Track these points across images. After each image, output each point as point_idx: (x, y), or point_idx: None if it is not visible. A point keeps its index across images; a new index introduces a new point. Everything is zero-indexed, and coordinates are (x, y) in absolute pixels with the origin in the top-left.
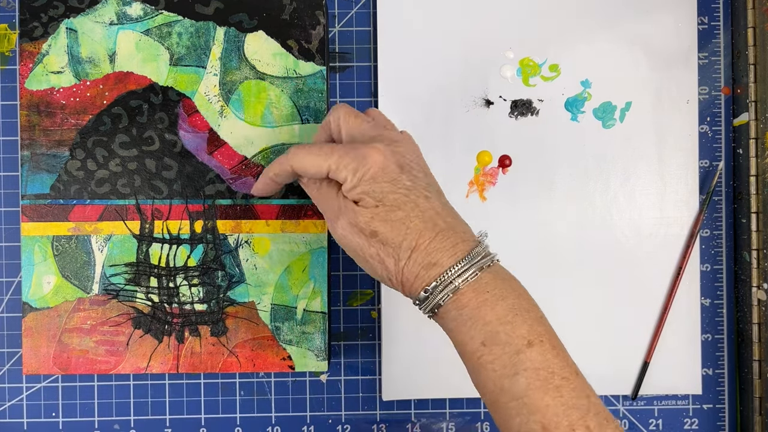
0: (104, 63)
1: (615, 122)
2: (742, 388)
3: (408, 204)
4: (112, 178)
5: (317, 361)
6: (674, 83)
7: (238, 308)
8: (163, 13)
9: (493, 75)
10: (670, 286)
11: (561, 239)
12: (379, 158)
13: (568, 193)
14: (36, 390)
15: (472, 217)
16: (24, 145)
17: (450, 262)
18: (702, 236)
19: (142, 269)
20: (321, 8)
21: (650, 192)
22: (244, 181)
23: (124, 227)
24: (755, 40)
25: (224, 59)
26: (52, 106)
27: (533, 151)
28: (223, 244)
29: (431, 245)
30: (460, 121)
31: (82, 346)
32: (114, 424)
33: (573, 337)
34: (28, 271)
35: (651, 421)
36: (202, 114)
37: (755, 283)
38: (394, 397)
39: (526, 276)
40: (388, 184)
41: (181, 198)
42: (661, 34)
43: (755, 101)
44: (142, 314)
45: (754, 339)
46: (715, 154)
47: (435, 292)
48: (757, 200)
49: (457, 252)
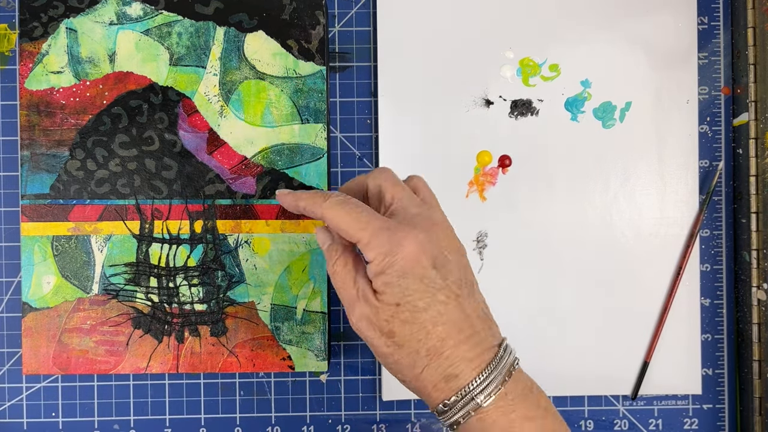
0: (104, 63)
1: (615, 122)
2: (742, 388)
3: (435, 306)
4: (111, 178)
5: (317, 361)
6: (674, 83)
7: (237, 308)
8: (162, 13)
9: (493, 75)
10: (670, 286)
11: (561, 239)
12: (413, 249)
13: (568, 193)
14: (36, 390)
15: (472, 217)
16: (24, 145)
17: (473, 374)
18: (702, 236)
19: (142, 269)
20: (321, 8)
21: (650, 192)
22: (244, 181)
23: (124, 227)
24: (755, 40)
25: (224, 59)
26: (52, 106)
27: (533, 151)
28: (222, 244)
29: (454, 353)
30: (460, 121)
31: (81, 346)
32: (114, 424)
33: (573, 337)
34: (27, 271)
35: (651, 421)
36: (202, 114)
37: (755, 283)
38: (394, 397)
39: (526, 276)
40: (417, 281)
41: (180, 198)
42: (661, 34)
43: (755, 101)
44: (141, 314)
45: (754, 339)
46: (715, 154)
47: (455, 407)
48: (757, 200)
49: (481, 362)
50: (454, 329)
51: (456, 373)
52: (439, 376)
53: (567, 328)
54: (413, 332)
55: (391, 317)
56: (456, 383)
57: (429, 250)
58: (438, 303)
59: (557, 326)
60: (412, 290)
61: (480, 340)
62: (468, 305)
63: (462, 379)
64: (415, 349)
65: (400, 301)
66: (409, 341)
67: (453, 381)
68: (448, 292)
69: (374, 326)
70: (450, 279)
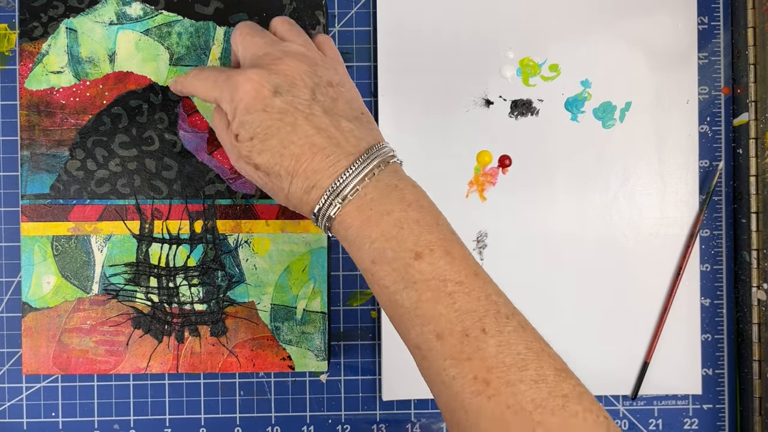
0: (104, 63)
1: (615, 122)
2: (742, 388)
3: (283, 129)
4: (111, 178)
5: (317, 361)
6: (674, 83)
7: (237, 308)
8: (162, 13)
9: (493, 75)
10: (670, 286)
11: (561, 239)
12: (249, 86)
13: (568, 193)
14: (36, 390)
15: (472, 217)
16: (24, 145)
17: (328, 182)
18: (702, 236)
19: (142, 269)
20: (321, 8)
21: (650, 192)
22: (244, 181)
23: (124, 227)
24: (755, 40)
25: (224, 59)
26: (52, 106)
27: (533, 151)
28: (222, 244)
29: (309, 167)
30: (460, 121)
31: (81, 346)
32: (114, 424)
33: (573, 337)
34: (27, 271)
35: (651, 421)
36: (202, 114)
37: (755, 283)
38: (394, 397)
39: (526, 275)
40: (261, 112)
41: (180, 198)
42: (661, 34)
43: (755, 101)
44: (141, 314)
45: (754, 339)
46: (715, 154)
47: (319, 215)
48: (757, 200)
49: (338, 169)
50: (306, 145)
51: (313, 184)
52: (301, 190)
53: (567, 328)
54: (270, 158)
55: (249, 152)
56: (315, 193)
57: (267, 81)
58: (286, 125)
59: (557, 326)
60: (259, 121)
61: (339, 149)
62: (323, 121)
63: (318, 188)
64: (276, 172)
65: (252, 135)
66: (272, 167)
67: (312, 192)
68: (295, 112)
69: (245, 163)
70: (296, 103)
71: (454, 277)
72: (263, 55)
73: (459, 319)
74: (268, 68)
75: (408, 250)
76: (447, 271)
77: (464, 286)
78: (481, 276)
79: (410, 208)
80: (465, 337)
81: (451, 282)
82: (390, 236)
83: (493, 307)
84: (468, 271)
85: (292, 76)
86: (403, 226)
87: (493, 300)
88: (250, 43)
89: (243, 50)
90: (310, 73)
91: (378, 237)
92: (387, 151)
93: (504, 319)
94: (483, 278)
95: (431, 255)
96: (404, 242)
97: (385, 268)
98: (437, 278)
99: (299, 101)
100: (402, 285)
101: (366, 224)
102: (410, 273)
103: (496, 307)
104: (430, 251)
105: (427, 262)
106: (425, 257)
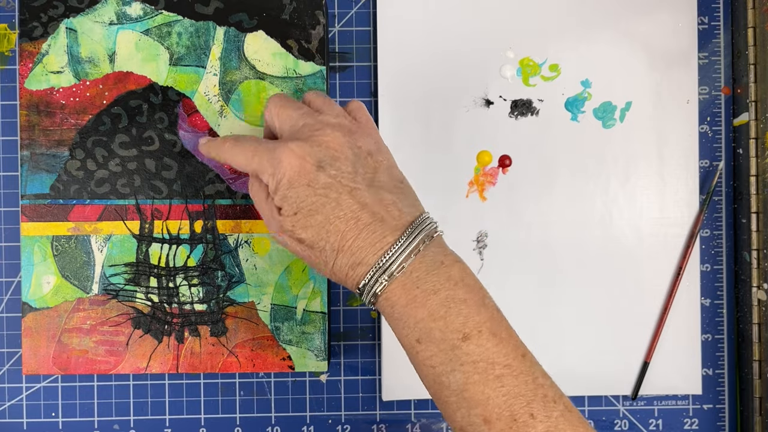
0: (104, 63)
1: (615, 122)
2: (742, 388)
3: (327, 205)
4: (111, 178)
5: (317, 361)
6: (674, 83)
7: (237, 308)
8: (162, 13)
9: (493, 75)
10: (670, 286)
11: (561, 239)
12: (292, 161)
13: (568, 193)
14: (36, 390)
15: (472, 217)
16: (24, 145)
17: (374, 259)
18: (702, 236)
19: (142, 269)
20: (321, 8)
21: (650, 192)
22: (244, 181)
23: (124, 227)
24: (755, 40)
25: (224, 59)
26: (52, 106)
27: (533, 151)
28: (222, 244)
29: (355, 243)
30: (460, 121)
31: (81, 346)
32: (114, 424)
33: (573, 337)
34: (27, 271)
35: (651, 421)
36: (202, 114)
37: (755, 283)
38: (394, 397)
39: (526, 275)
40: (305, 187)
41: (180, 198)
42: (661, 34)
43: (755, 101)
44: (141, 314)
45: (754, 339)
46: (715, 154)
47: (365, 291)
48: (757, 200)
49: (383, 246)
50: (352, 221)
51: (358, 261)
52: (347, 266)
53: (567, 328)
54: (315, 234)
55: (293, 227)
56: (361, 269)
57: (310, 155)
58: (330, 201)
59: (557, 326)
60: (303, 197)
61: (384, 225)
62: (366, 195)
63: (364, 265)
64: (321, 247)
65: (296, 210)
66: (316, 242)
67: (358, 268)
68: (340, 187)
69: (288, 236)
70: (340, 177)
71: (502, 360)
72: (302, 126)
73: (507, 404)
74: (309, 141)
75: (456, 331)
76: (495, 353)
77: (512, 369)
78: (528, 357)
79: (457, 287)
80: (513, 422)
81: (499, 365)
82: (437, 316)
83: (541, 390)
84: (516, 353)
85: (333, 148)
86: (451, 306)
87: (540, 383)
88: (285, 116)
89: (280, 123)
90: (349, 143)
91: (425, 317)
92: (430, 223)
93: (551, 403)
94: (530, 360)
95: (479, 337)
96: (452, 323)
97: (431, 348)
98: (485, 360)
99: (343, 175)
100: (449, 367)
101: (412, 303)
102: (457, 355)
103: (543, 390)
104: (478, 333)
105: (475, 343)
106: (473, 339)
